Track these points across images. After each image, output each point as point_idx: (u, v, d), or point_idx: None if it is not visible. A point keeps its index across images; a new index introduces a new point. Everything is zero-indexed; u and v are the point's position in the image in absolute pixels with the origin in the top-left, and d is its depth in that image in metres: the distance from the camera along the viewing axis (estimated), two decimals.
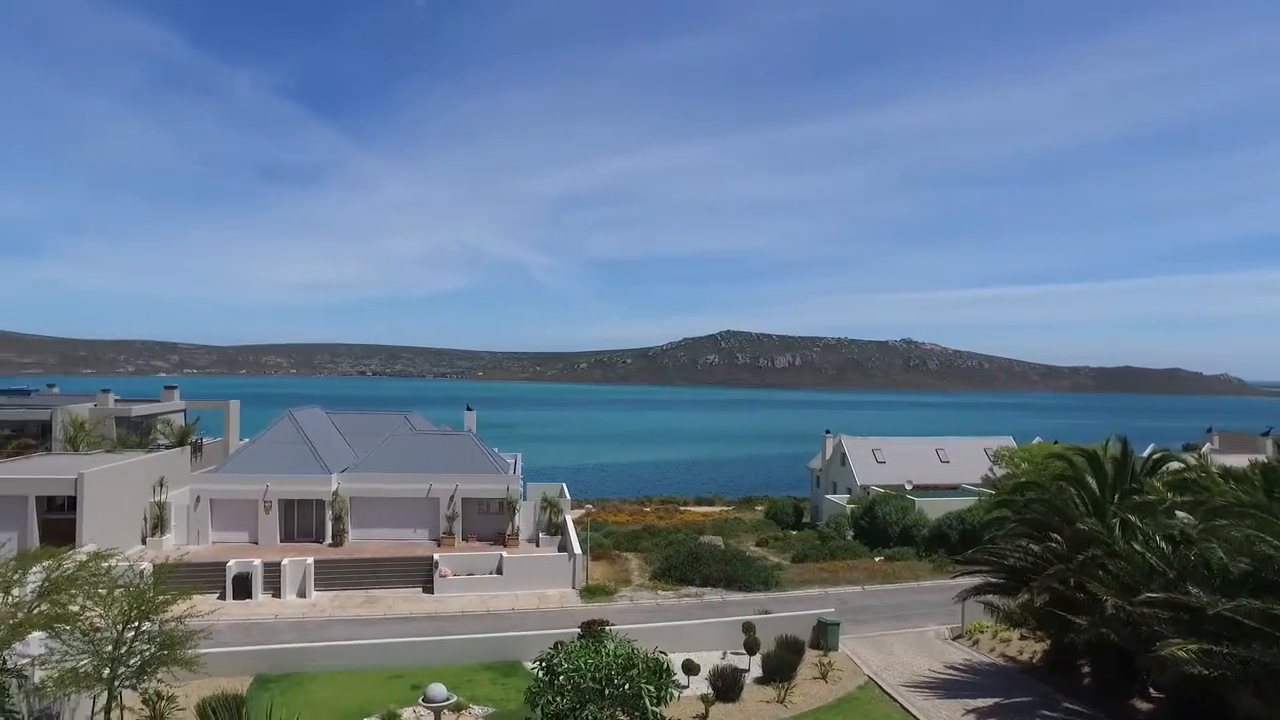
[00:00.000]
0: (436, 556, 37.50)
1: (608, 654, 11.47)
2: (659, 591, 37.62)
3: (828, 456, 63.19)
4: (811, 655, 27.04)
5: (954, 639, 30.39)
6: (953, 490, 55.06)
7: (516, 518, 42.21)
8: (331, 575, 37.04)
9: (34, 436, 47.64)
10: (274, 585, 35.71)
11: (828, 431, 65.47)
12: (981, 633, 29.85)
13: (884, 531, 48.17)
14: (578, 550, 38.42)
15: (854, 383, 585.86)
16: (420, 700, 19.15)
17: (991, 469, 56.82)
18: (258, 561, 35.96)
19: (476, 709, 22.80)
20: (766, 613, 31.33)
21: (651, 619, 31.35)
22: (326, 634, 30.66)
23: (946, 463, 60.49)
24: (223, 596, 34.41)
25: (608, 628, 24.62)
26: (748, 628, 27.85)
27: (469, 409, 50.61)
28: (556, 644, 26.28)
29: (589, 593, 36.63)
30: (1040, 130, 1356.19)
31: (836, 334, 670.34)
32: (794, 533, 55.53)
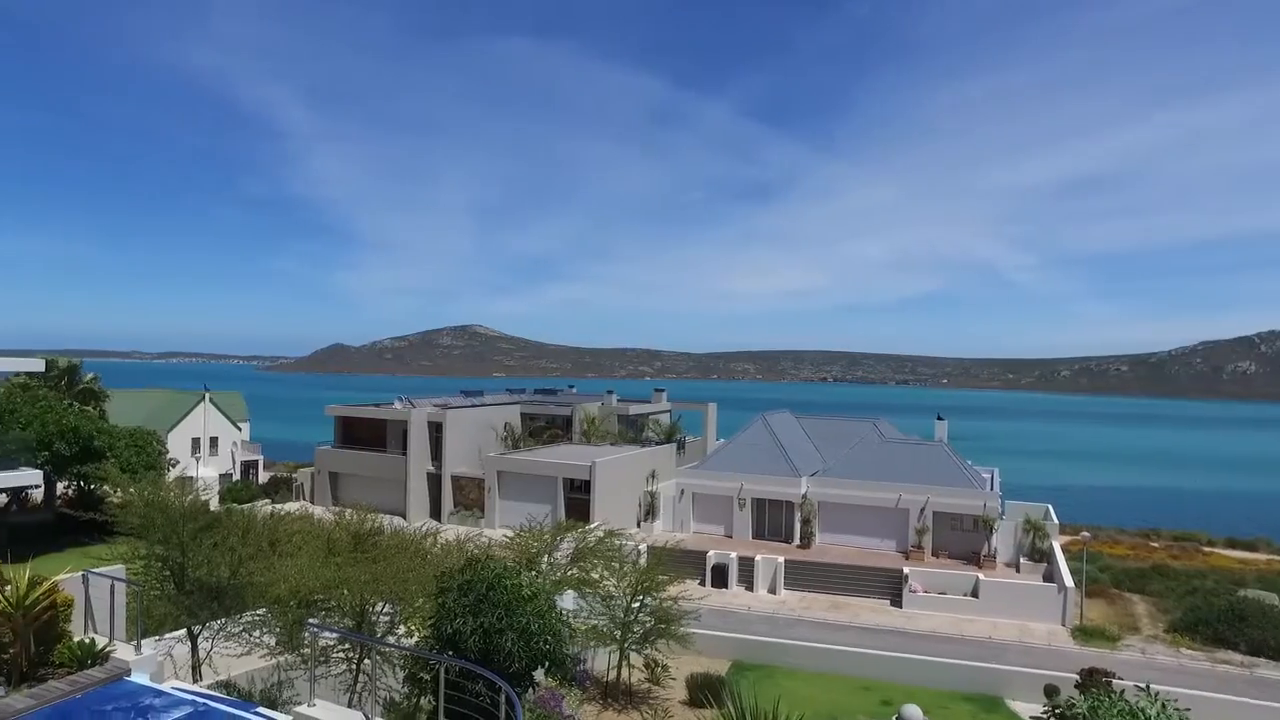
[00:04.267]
0: (906, 570, 36.03)
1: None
2: (1181, 649, 30.95)
3: None
4: None
5: None
6: None
7: (994, 537, 38.65)
8: (799, 575, 37.97)
9: (560, 428, 57.58)
10: (747, 579, 37.79)
11: None
12: None
13: None
14: (1069, 582, 33.59)
15: None
16: (894, 718, 18.21)
17: None
18: (733, 555, 38.43)
19: None
20: None
21: (1171, 682, 25.77)
22: (794, 632, 31.39)
23: None
24: (702, 583, 37.32)
25: (1114, 681, 20.88)
26: None
27: (940, 418, 47.99)
28: (1048, 688, 23.20)
29: (1084, 634, 31.72)
30: None
31: None
32: None
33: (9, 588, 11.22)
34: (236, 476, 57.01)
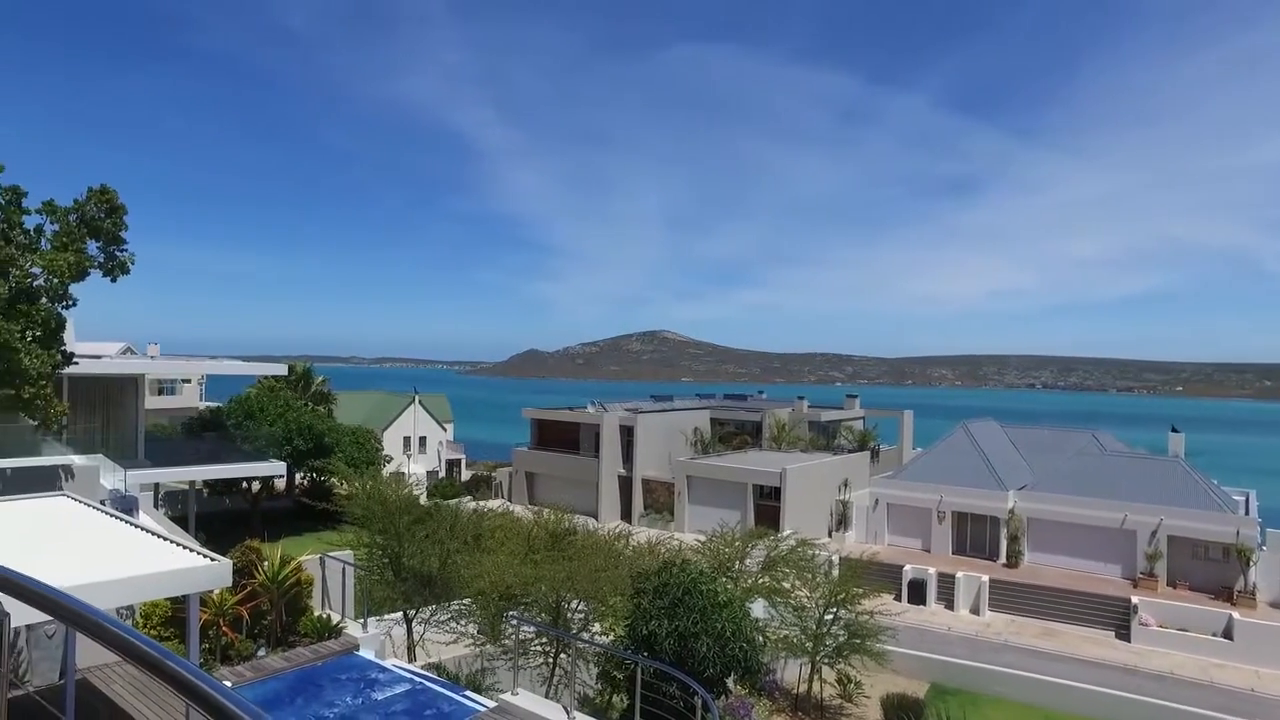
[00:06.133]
0: (1135, 600, 32.24)
1: None
2: None
3: None
4: None
5: None
6: None
7: (1251, 571, 33.61)
8: (1006, 597, 35.20)
9: (749, 434, 57.11)
10: (946, 596, 35.57)
11: None
12: None
13: None
14: None
15: None
16: None
17: None
18: (932, 570, 36.29)
19: None
20: None
21: None
22: (1000, 658, 29.05)
23: None
24: (898, 598, 35.53)
25: None
26: None
27: (1175, 430, 42.77)
28: None
29: None
30: None
31: None
32: None
33: (266, 564, 12.64)
34: (442, 474, 61.33)
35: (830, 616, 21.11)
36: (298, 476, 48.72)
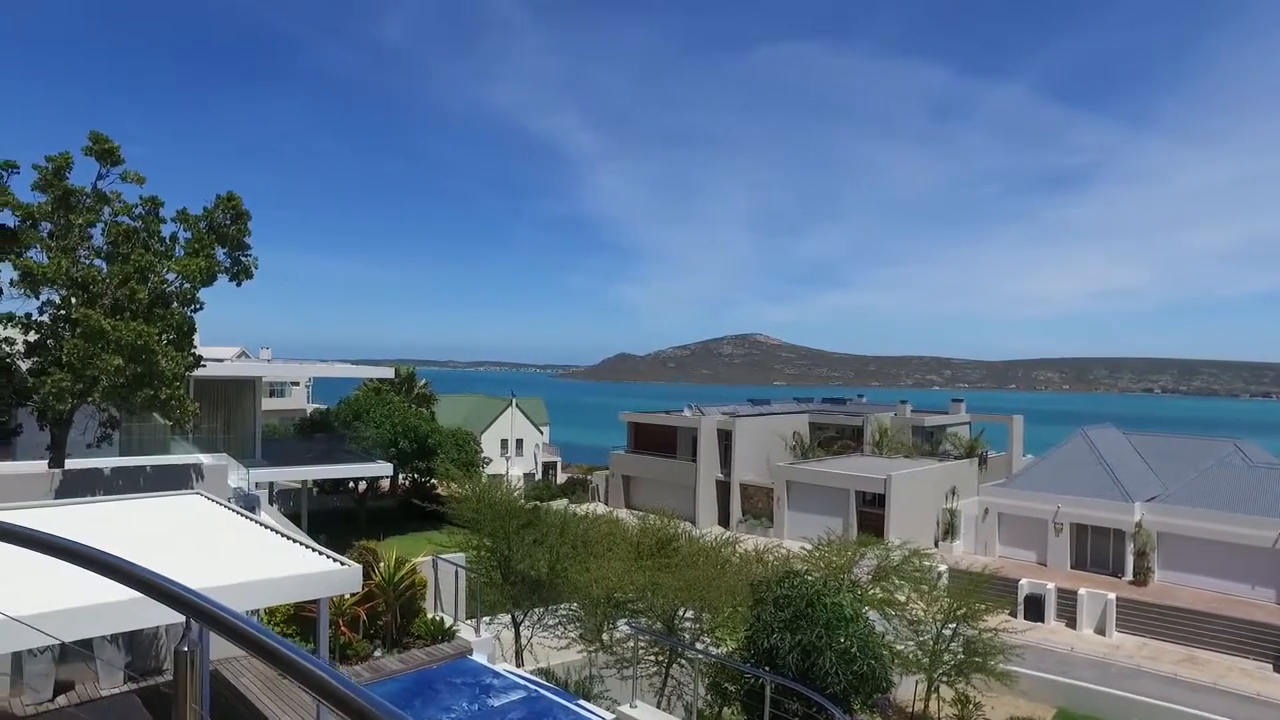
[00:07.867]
0: None
1: None
2: None
3: None
4: None
5: None
6: None
7: None
8: (1135, 617, 32.83)
9: (850, 439, 55.51)
10: (1067, 614, 33.55)
11: None
12: None
13: None
14: None
15: None
16: None
17: None
18: (1050, 585, 34.29)
19: None
20: None
21: None
22: (1134, 685, 27.02)
23: None
24: (1013, 614, 33.73)
25: None
26: None
27: None
28: None
29: None
30: None
31: None
32: None
33: (382, 565, 12.70)
34: (538, 476, 61.94)
35: (949, 632, 20.01)
36: (400, 477, 50.10)
